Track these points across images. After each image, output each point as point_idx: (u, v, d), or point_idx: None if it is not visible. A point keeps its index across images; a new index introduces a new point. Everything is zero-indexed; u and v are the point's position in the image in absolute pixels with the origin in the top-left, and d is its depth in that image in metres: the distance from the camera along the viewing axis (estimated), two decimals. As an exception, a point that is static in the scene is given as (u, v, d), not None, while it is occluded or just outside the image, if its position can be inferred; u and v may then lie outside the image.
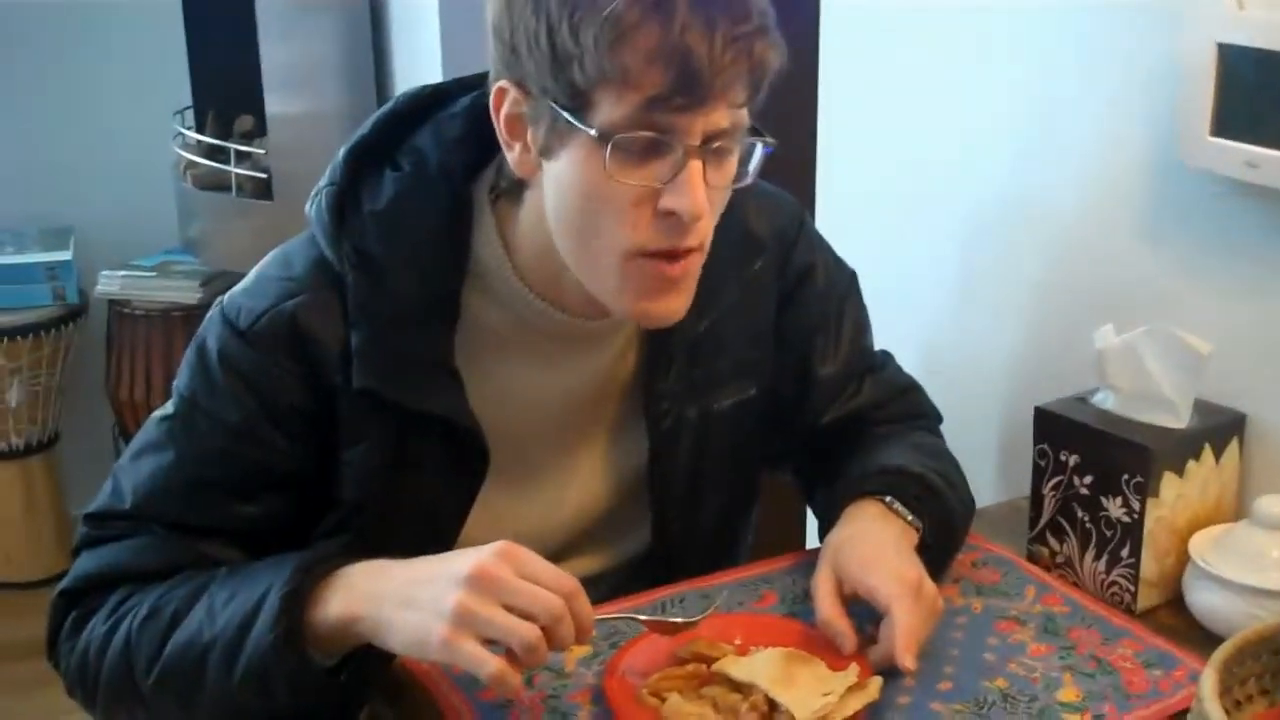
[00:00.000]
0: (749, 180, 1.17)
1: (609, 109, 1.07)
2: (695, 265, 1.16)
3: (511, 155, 1.16)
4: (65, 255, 3.22)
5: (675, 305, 1.17)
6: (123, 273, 3.23)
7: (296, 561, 1.12)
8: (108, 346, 3.28)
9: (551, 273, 1.21)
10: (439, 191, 1.22)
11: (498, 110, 1.15)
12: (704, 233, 1.14)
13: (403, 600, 1.08)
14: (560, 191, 1.13)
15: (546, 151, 1.13)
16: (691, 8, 1.04)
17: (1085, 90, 1.54)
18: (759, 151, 1.16)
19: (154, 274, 3.25)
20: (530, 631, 1.04)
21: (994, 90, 1.67)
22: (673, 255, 1.13)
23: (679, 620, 1.19)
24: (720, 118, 1.09)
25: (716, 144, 1.10)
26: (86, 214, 3.37)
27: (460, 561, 1.07)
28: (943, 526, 1.32)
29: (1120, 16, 1.47)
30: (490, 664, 1.03)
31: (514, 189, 1.21)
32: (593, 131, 1.07)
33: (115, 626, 1.18)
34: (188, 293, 3.20)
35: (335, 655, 1.12)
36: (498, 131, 1.16)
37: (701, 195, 1.09)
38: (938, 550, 1.32)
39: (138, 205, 3.37)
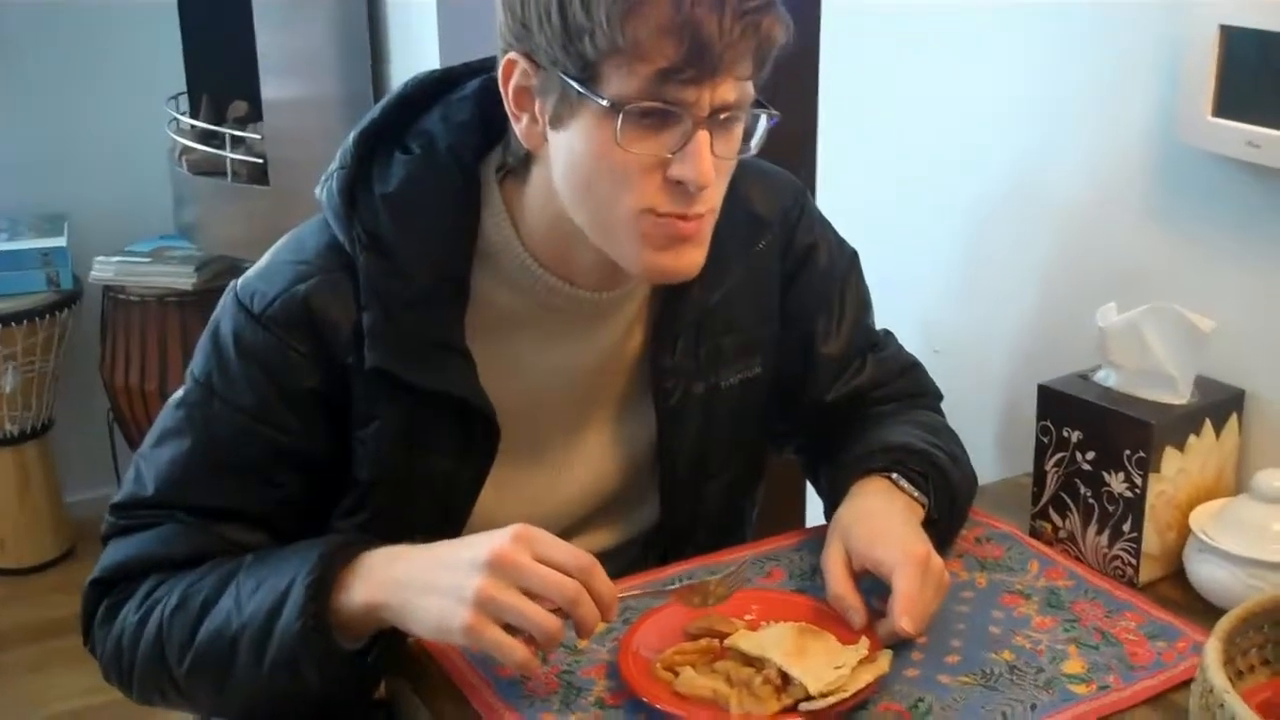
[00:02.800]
0: (753, 151, 1.19)
1: (619, 81, 1.08)
2: (707, 225, 1.18)
3: (519, 126, 1.18)
4: (60, 241, 3.21)
5: (690, 259, 1.18)
6: (117, 258, 3.24)
7: (319, 549, 1.14)
8: (102, 332, 3.28)
9: (560, 246, 1.23)
10: (448, 173, 1.23)
11: (506, 82, 1.17)
12: (712, 199, 1.17)
13: (424, 586, 1.10)
14: (570, 161, 1.15)
15: (556, 122, 1.14)
16: None
17: (1088, 71, 1.55)
18: (763, 123, 1.18)
19: (149, 259, 3.25)
20: (550, 622, 1.07)
21: (996, 69, 1.68)
22: (683, 216, 1.15)
23: (710, 579, 1.21)
24: (727, 90, 1.11)
25: (724, 115, 1.12)
26: (81, 200, 3.37)
27: (478, 547, 1.09)
28: (947, 501, 1.34)
29: (1123, -2, 1.49)
30: (517, 651, 1.06)
31: (520, 166, 1.23)
32: (604, 102, 1.09)
33: (146, 616, 1.20)
34: (183, 278, 3.21)
35: (362, 639, 1.14)
36: (505, 103, 1.18)
37: (708, 165, 1.12)
38: (943, 525, 1.34)
39: (132, 191, 3.37)
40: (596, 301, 1.28)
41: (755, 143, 1.18)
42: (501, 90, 1.17)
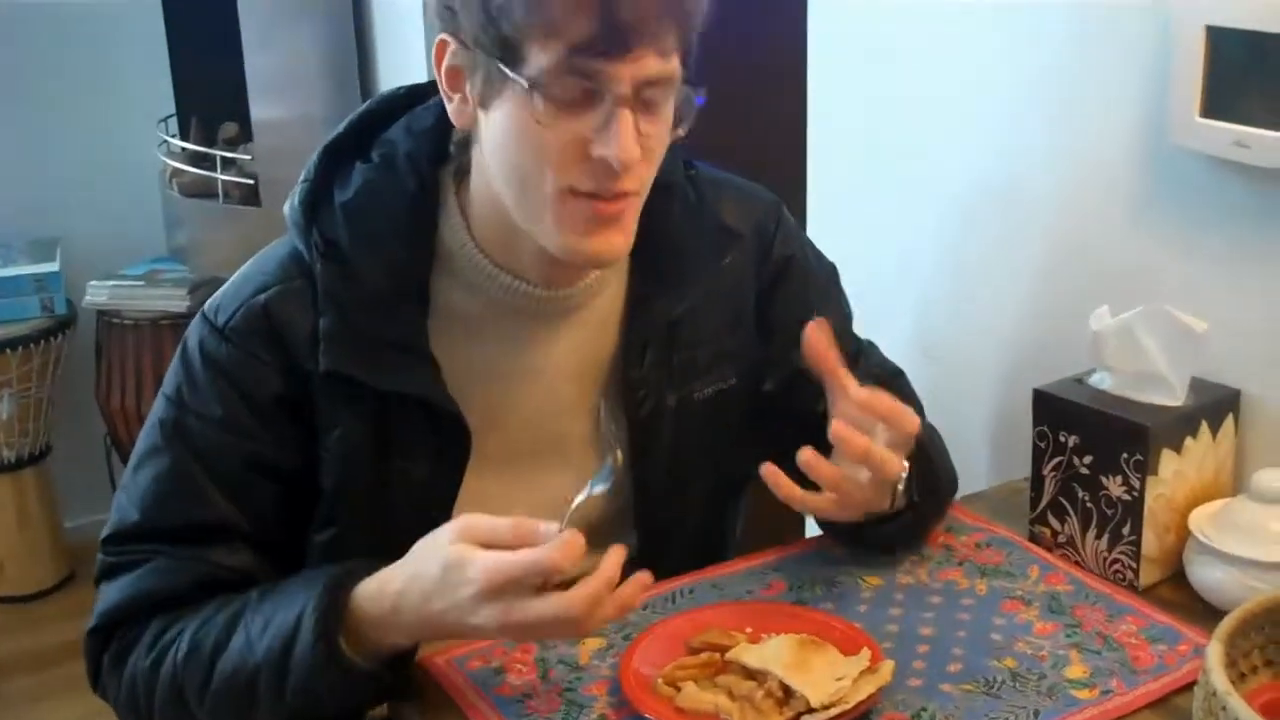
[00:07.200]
0: (683, 131, 1.18)
1: (537, 58, 1.09)
2: (632, 207, 1.18)
3: (451, 107, 1.19)
4: (53, 266, 3.21)
5: (610, 243, 1.18)
6: (111, 282, 3.23)
7: (323, 580, 1.15)
8: (97, 356, 3.27)
9: (507, 241, 1.24)
10: (404, 178, 1.25)
11: (439, 63, 1.18)
12: (637, 179, 1.16)
13: (456, 628, 1.12)
14: (497, 141, 1.16)
15: (483, 102, 1.16)
16: None
17: (1076, 73, 1.55)
18: (694, 102, 1.17)
19: (142, 283, 3.24)
20: (576, 606, 1.08)
21: (985, 74, 1.67)
22: (604, 196, 1.15)
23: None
24: (649, 65, 1.11)
25: (647, 93, 1.12)
26: (73, 224, 3.36)
27: (462, 585, 1.09)
28: (929, 484, 1.34)
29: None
30: (587, 625, 1.10)
31: (464, 154, 1.24)
32: (523, 81, 1.10)
33: (159, 661, 1.21)
34: (176, 301, 3.20)
35: (379, 660, 1.16)
36: (440, 85, 1.19)
37: (631, 142, 1.11)
38: (922, 509, 1.34)
39: (124, 214, 3.37)
40: (553, 299, 1.28)
41: (685, 123, 1.18)
42: (436, 73, 1.19)
